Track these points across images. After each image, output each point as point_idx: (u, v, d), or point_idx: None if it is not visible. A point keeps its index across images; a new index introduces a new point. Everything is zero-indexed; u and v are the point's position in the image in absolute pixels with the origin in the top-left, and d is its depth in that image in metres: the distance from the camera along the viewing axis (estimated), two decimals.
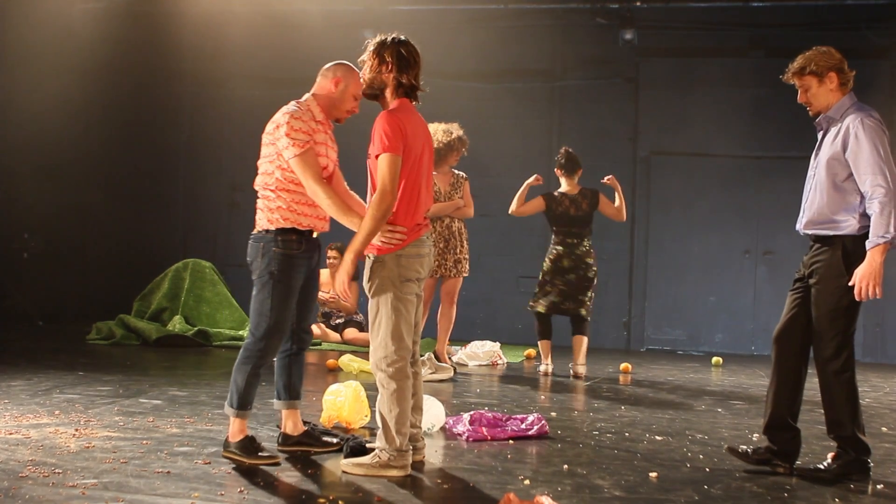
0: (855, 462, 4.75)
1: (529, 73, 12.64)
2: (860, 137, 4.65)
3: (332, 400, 5.67)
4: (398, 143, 4.49)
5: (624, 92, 12.37)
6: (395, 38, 4.71)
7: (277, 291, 4.73)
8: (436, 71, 12.63)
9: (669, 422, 6.37)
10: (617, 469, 4.83)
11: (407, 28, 13.33)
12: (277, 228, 4.74)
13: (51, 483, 4.08)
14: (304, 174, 4.66)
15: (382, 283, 4.55)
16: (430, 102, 13.40)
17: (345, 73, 4.96)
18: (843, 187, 4.73)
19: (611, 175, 8.77)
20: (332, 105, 4.93)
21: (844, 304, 4.72)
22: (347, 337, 10.66)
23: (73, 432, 5.18)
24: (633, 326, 12.26)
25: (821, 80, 4.83)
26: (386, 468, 4.50)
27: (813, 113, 4.93)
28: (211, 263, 11.27)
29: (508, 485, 4.37)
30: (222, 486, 4.15)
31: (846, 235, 4.72)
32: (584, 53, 12.52)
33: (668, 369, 9.74)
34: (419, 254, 4.61)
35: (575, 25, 12.44)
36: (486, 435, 5.47)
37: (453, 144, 8.50)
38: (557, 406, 6.83)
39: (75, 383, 6.98)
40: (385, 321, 4.53)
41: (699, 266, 11.90)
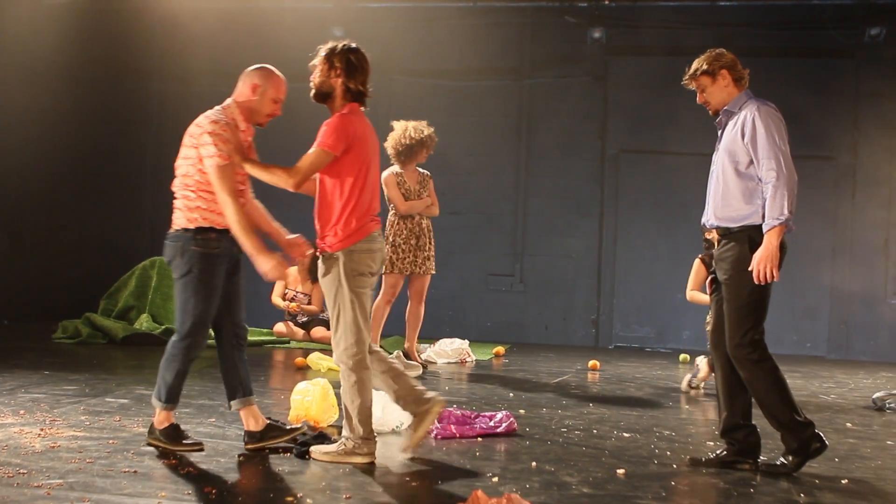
0: (805, 447, 4.79)
1: (498, 71, 12.64)
2: (757, 124, 4.80)
3: (299, 399, 5.64)
4: (337, 144, 4.68)
5: (592, 90, 12.40)
6: (346, 45, 4.92)
7: (200, 290, 4.83)
8: (404, 68, 12.67)
9: (637, 419, 6.40)
10: (585, 466, 4.85)
11: (376, 25, 13.41)
12: (196, 227, 4.83)
13: (15, 483, 4.04)
14: (221, 186, 4.74)
15: (336, 278, 4.73)
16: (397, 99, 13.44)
17: (263, 78, 5.01)
18: (746, 174, 4.85)
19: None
20: (251, 111, 4.98)
21: (755, 296, 4.80)
22: (315, 335, 10.62)
23: (38, 432, 5.13)
24: (602, 324, 12.31)
25: (714, 79, 5.01)
26: (351, 455, 4.69)
27: (712, 112, 5.11)
28: None
29: (477, 482, 4.38)
30: (189, 486, 4.13)
31: (751, 226, 4.82)
32: (552, 51, 12.53)
33: (635, 366, 9.78)
34: (370, 249, 4.79)
35: (543, 23, 12.45)
36: (455, 432, 5.47)
37: (424, 141, 8.52)
38: (526, 403, 6.85)
39: (41, 382, 6.91)
40: (342, 315, 4.72)
41: (667, 264, 11.96)
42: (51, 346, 9.50)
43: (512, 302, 12.36)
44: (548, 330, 12.30)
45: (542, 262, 12.40)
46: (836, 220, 11.72)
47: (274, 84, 5.00)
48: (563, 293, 12.37)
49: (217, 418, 5.75)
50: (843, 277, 11.74)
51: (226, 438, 5.15)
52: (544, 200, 12.42)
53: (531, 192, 12.49)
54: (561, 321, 12.37)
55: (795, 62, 11.93)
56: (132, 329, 9.98)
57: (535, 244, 12.46)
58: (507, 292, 12.32)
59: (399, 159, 8.61)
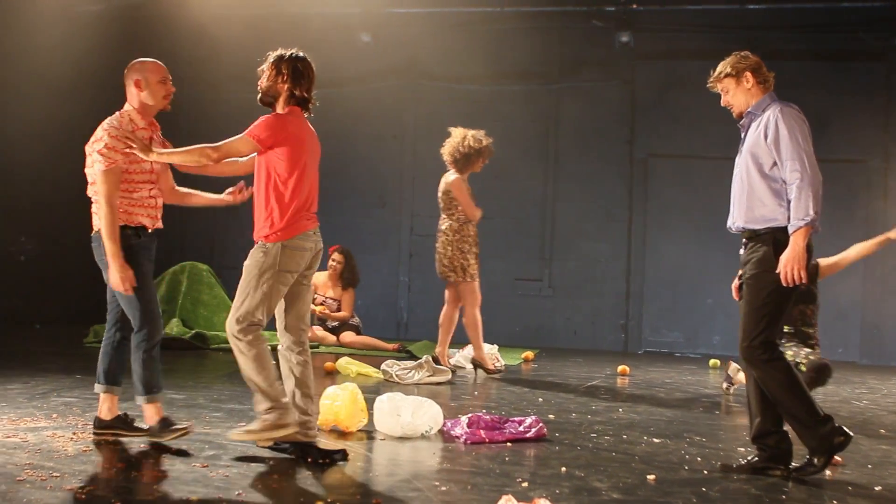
0: (827, 442, 4.73)
1: (526, 76, 12.64)
2: (780, 125, 4.78)
3: (329, 404, 5.65)
4: (263, 137, 4.87)
5: (621, 94, 12.38)
6: (294, 53, 5.09)
7: (135, 281, 5.01)
8: (431, 73, 12.70)
9: (667, 424, 6.37)
10: (615, 471, 4.83)
11: (403, 30, 13.47)
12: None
13: (48, 486, 4.07)
14: (101, 189, 4.97)
15: (262, 267, 4.87)
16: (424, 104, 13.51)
17: (138, 71, 5.19)
18: (770, 176, 4.83)
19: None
20: (147, 105, 5.16)
21: (774, 298, 4.78)
22: (344, 340, 10.66)
23: (70, 436, 5.18)
24: (631, 328, 12.27)
25: (738, 81, 5.00)
26: (277, 429, 4.81)
27: (736, 114, 5.08)
28: (208, 266, 11.26)
29: (506, 487, 4.37)
30: (220, 489, 4.14)
31: (777, 228, 4.79)
32: (580, 56, 12.52)
33: (665, 371, 9.74)
34: (303, 247, 4.94)
35: (572, 28, 12.44)
36: (484, 437, 5.46)
37: (482, 151, 8.63)
38: (555, 408, 6.83)
39: (73, 386, 6.97)
40: (249, 299, 4.87)
41: (696, 268, 11.91)
42: (82, 350, 9.57)
43: (540, 307, 12.34)
44: (576, 335, 12.28)
45: (571, 267, 12.38)
46: (866, 222, 11.60)
47: (150, 69, 5.20)
48: (592, 298, 12.34)
49: (247, 423, 5.75)
50: (874, 281, 11.64)
51: (255, 444, 5.16)
52: (573, 205, 12.40)
53: (559, 197, 12.47)
54: (590, 326, 12.34)
55: (823, 65, 11.85)
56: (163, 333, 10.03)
57: (564, 249, 12.44)
58: (536, 297, 12.30)
59: (456, 166, 8.63)
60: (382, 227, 12.90)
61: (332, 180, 12.81)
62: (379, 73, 12.83)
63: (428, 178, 12.69)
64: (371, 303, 12.39)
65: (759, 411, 4.93)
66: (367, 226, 12.83)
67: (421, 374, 7.99)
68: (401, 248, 12.85)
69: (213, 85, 12.80)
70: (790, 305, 4.91)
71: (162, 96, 5.19)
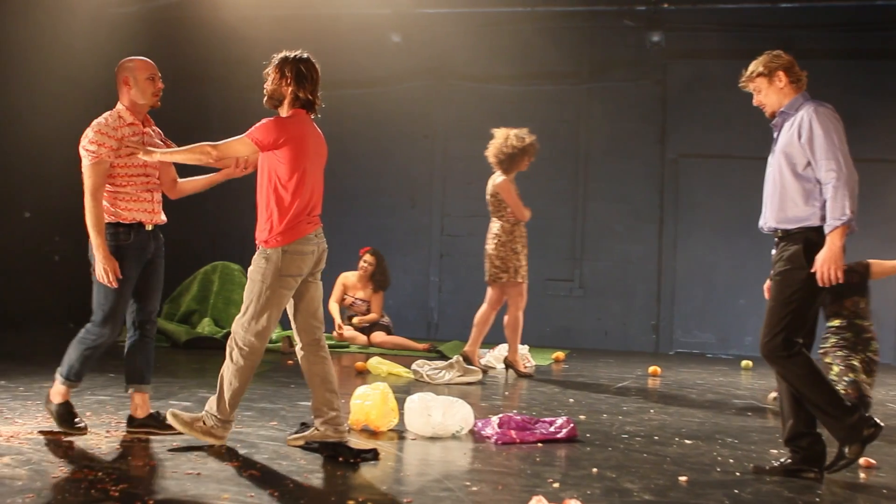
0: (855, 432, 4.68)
1: (556, 76, 12.61)
2: (814, 125, 4.74)
3: (359, 403, 5.66)
4: (262, 139, 4.89)
5: (652, 94, 12.32)
6: (297, 55, 5.08)
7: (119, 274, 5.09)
8: (461, 73, 12.70)
9: (699, 425, 6.33)
10: (646, 473, 4.81)
11: (433, 30, 13.45)
12: (105, 223, 5.13)
13: (83, 484, 4.11)
14: (87, 182, 5.08)
15: (264, 273, 4.92)
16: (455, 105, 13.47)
17: (127, 70, 5.31)
18: (803, 176, 4.79)
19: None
20: (136, 103, 5.27)
21: (799, 297, 4.75)
22: (375, 340, 10.68)
23: (104, 433, 5.23)
24: (662, 329, 12.21)
25: (770, 81, 4.96)
26: (206, 434, 4.98)
27: (768, 114, 5.05)
28: (240, 266, 11.31)
29: (537, 487, 4.36)
30: (252, 488, 4.16)
31: (809, 227, 4.76)
32: (611, 56, 12.48)
33: (697, 372, 9.69)
34: (303, 251, 4.96)
35: (602, 28, 12.40)
36: (515, 438, 5.46)
37: (527, 149, 8.60)
38: (586, 409, 6.82)
39: (106, 385, 7.03)
40: (253, 306, 4.95)
41: (728, 268, 11.84)
42: (116, 349, 9.61)
43: (571, 307, 12.31)
44: (607, 335, 12.24)
45: (601, 267, 12.34)
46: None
47: (137, 66, 5.31)
48: (623, 298, 12.30)
49: (279, 421, 5.79)
50: None
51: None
52: (603, 205, 12.36)
53: (590, 197, 12.44)
54: (620, 326, 12.30)
55: (858, 64, 11.73)
56: (194, 333, 10.12)
57: (594, 249, 12.41)
58: (566, 297, 12.27)
59: (501, 167, 8.61)
60: (413, 227, 12.91)
61: (362, 181, 12.86)
62: (409, 74, 12.84)
63: (458, 179, 12.72)
64: (401, 303, 12.41)
65: (791, 413, 4.89)
66: (397, 226, 12.85)
67: (451, 374, 8.00)
68: (431, 248, 12.87)
69: (246, 86, 12.78)
70: (816, 306, 4.87)
71: (151, 93, 5.29)
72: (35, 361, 8.11)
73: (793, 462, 4.88)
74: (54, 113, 11.10)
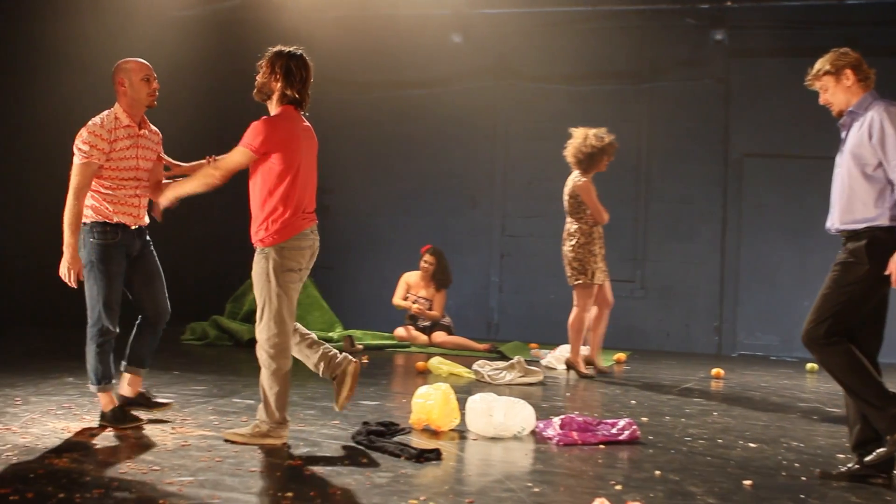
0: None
1: (617, 75, 12.53)
2: (885, 125, 4.65)
3: (421, 403, 5.67)
4: (257, 145, 4.96)
5: (714, 93, 12.19)
6: (290, 52, 5.13)
7: (100, 278, 5.26)
8: (522, 74, 12.68)
9: (763, 429, 6.25)
10: (710, 476, 4.76)
11: (493, 31, 13.41)
12: (92, 222, 5.27)
13: (149, 480, 4.17)
14: (73, 180, 5.16)
15: (268, 273, 5.04)
16: (515, 105, 13.43)
17: (122, 71, 5.42)
18: (873, 177, 4.71)
19: None
20: (133, 102, 5.39)
21: (856, 290, 4.68)
22: (436, 340, 10.71)
23: (169, 430, 5.30)
24: (725, 331, 12.07)
25: (837, 79, 4.88)
26: (264, 437, 5.03)
27: (836, 113, 4.97)
28: None
29: (599, 489, 4.34)
30: (314, 486, 4.19)
31: (878, 227, 4.68)
32: (673, 54, 12.37)
33: (760, 375, 9.56)
34: (300, 246, 5.09)
35: (664, 26, 12.30)
36: (577, 439, 5.43)
37: (605, 149, 8.58)
38: (648, 411, 6.76)
39: (171, 383, 7.13)
40: (268, 307, 5.05)
41: (793, 269, 11.67)
42: (179, 347, 9.78)
43: (633, 308, 12.20)
44: (669, 337, 12.13)
45: (664, 268, 12.24)
46: None
47: (132, 68, 5.42)
48: (685, 299, 12.18)
49: (340, 420, 5.83)
50: None
51: (349, 441, 5.21)
52: (665, 205, 12.26)
53: (652, 197, 12.34)
54: (682, 328, 12.18)
55: None
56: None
57: (656, 250, 12.31)
58: (628, 298, 12.17)
59: (580, 167, 8.58)
60: (473, 227, 12.91)
61: (423, 181, 12.90)
62: (470, 74, 12.85)
63: (519, 179, 12.71)
64: (462, 303, 12.41)
65: (857, 418, 4.81)
66: (458, 226, 12.86)
67: (513, 375, 7.98)
68: (492, 248, 12.86)
69: None
70: (870, 304, 4.77)
71: (146, 94, 5.42)
72: None
73: (860, 467, 4.79)
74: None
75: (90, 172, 5.19)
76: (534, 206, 12.60)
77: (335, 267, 12.59)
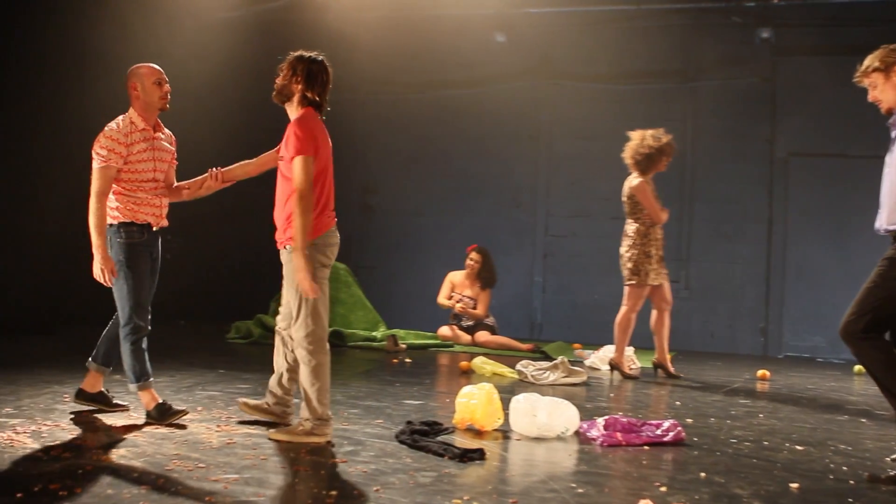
0: None
1: (662, 74, 12.47)
2: None
3: (465, 402, 5.68)
4: (310, 146, 5.06)
5: (760, 92, 12.08)
6: (311, 56, 5.28)
7: (130, 276, 5.40)
8: (566, 73, 12.64)
9: (810, 431, 6.18)
10: (756, 478, 4.71)
11: (537, 30, 13.39)
12: (118, 223, 5.42)
13: (195, 477, 4.21)
14: (94, 184, 5.32)
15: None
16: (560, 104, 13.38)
17: (135, 76, 5.56)
18: None
19: None
20: (146, 106, 5.53)
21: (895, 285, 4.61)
22: (479, 340, 10.71)
23: (215, 428, 5.34)
24: (770, 332, 11.96)
25: (886, 76, 4.86)
26: (309, 436, 5.06)
27: (885, 110, 4.95)
28: (345, 266, 11.46)
29: (644, 491, 4.31)
30: (358, 485, 4.20)
31: None
32: (718, 53, 12.27)
33: (807, 377, 9.46)
34: (330, 243, 5.24)
35: (709, 25, 12.21)
36: (621, 440, 5.41)
37: (664, 149, 8.57)
38: (693, 412, 6.71)
39: (216, 381, 7.19)
40: (305, 304, 5.13)
41: (840, 270, 11.52)
42: (224, 345, 9.87)
43: (677, 308, 12.03)
44: (713, 337, 12.04)
45: (709, 269, 12.15)
46: None
47: (144, 73, 5.55)
48: (730, 300, 12.09)
49: (384, 419, 5.84)
50: None
51: (393, 440, 5.23)
52: (710, 205, 12.17)
53: (697, 197, 12.26)
54: (727, 329, 12.09)
55: None
56: None
57: (701, 250, 12.22)
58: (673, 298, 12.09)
59: (638, 168, 8.57)
60: (517, 227, 12.90)
61: (468, 180, 12.91)
62: (513, 73, 12.84)
63: (563, 179, 12.67)
64: (505, 303, 12.40)
65: None
66: (501, 226, 12.86)
67: (556, 375, 7.96)
68: (535, 248, 12.84)
69: (349, 86, 13.00)
70: None
71: (158, 97, 5.55)
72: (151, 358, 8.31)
73: None
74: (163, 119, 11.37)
75: (109, 176, 5.35)
76: (577, 205, 12.56)
77: (379, 266, 12.63)
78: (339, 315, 10.90)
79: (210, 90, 11.64)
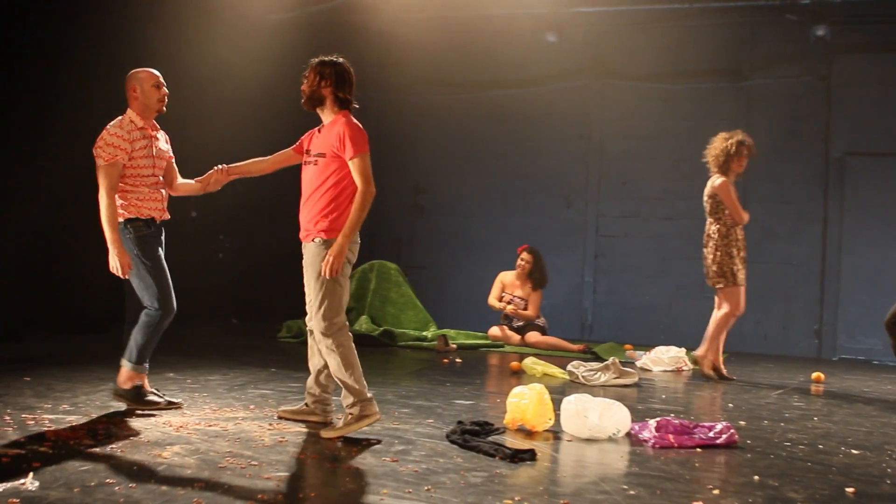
0: None
1: (715, 73, 12.35)
2: None
3: (516, 402, 5.67)
4: (366, 144, 5.26)
5: (815, 90, 11.92)
6: (333, 59, 5.43)
7: (149, 268, 5.63)
8: (618, 72, 12.57)
9: (866, 435, 6.09)
10: (811, 482, 4.65)
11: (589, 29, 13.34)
12: (125, 219, 5.64)
13: (247, 474, 4.24)
14: (101, 183, 5.53)
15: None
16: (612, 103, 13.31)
17: (135, 79, 5.79)
18: None
19: None
20: (144, 108, 5.76)
21: None
22: (530, 340, 10.69)
23: (267, 426, 5.38)
24: (825, 334, 11.80)
25: None
26: (360, 420, 5.20)
27: None
28: (396, 265, 11.51)
29: (697, 493, 4.28)
30: (409, 484, 4.21)
31: None
32: (772, 51, 12.14)
33: (863, 380, 9.33)
34: (357, 240, 5.37)
35: (763, 23, 12.08)
36: (673, 442, 5.36)
37: (744, 150, 8.59)
38: (746, 415, 6.64)
39: (268, 379, 7.25)
40: (329, 295, 5.26)
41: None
42: (276, 344, 9.94)
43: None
44: (767, 339, 11.91)
45: (762, 269, 12.00)
46: None
47: (143, 76, 5.79)
48: (784, 301, 11.95)
49: (435, 419, 5.85)
50: None
51: (444, 439, 5.23)
52: (764, 205, 12.02)
53: (750, 197, 12.10)
54: (781, 330, 11.95)
55: None
56: (352, 330, 10.23)
57: (755, 250, 12.02)
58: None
59: (720, 169, 8.56)
60: (568, 227, 12.85)
61: (519, 180, 12.89)
62: (565, 73, 12.80)
63: (614, 179, 12.60)
64: (555, 303, 12.37)
65: None
66: (552, 226, 12.82)
67: (607, 376, 7.93)
68: (586, 248, 12.78)
69: (400, 86, 13.07)
70: None
71: (156, 99, 5.79)
72: (202, 355, 8.43)
73: None
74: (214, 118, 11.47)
75: (116, 172, 5.56)
76: (628, 205, 12.49)
77: (430, 266, 12.66)
78: (391, 314, 10.93)
79: (262, 92, 11.72)
